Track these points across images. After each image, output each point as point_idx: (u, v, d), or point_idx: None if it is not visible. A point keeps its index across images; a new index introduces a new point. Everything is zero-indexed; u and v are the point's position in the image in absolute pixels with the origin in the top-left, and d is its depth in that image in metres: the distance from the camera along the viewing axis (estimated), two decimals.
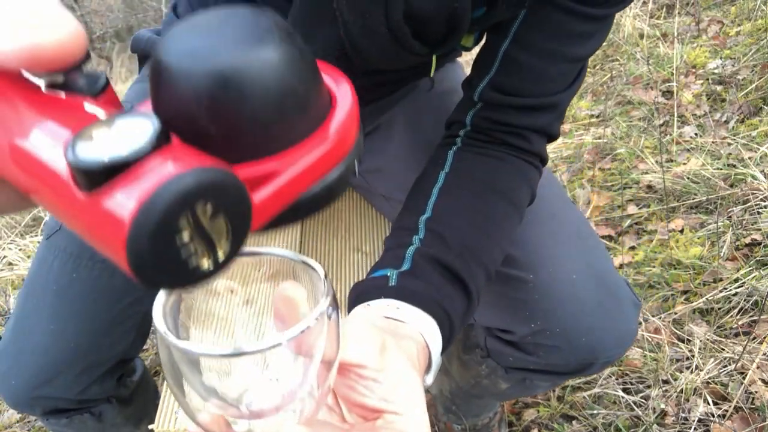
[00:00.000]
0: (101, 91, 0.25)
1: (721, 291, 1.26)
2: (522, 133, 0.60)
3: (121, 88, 5.07)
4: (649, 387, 1.15)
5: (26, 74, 0.23)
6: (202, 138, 0.22)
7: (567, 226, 0.70)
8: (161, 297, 0.30)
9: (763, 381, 1.10)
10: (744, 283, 1.25)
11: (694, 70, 1.98)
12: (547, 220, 0.69)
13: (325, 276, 0.31)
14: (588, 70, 1.19)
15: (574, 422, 1.13)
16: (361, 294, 0.50)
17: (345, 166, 0.26)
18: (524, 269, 0.66)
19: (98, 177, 0.19)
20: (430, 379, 0.46)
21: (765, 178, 1.46)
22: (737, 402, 1.08)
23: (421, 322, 0.46)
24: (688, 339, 1.21)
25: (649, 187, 1.60)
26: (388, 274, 0.50)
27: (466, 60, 1.80)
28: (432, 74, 0.67)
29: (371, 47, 0.51)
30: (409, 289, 0.48)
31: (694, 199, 1.50)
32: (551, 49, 0.57)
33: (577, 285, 0.66)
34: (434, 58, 0.64)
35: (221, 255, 0.21)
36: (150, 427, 0.65)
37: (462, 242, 0.53)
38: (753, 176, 1.47)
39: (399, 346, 0.40)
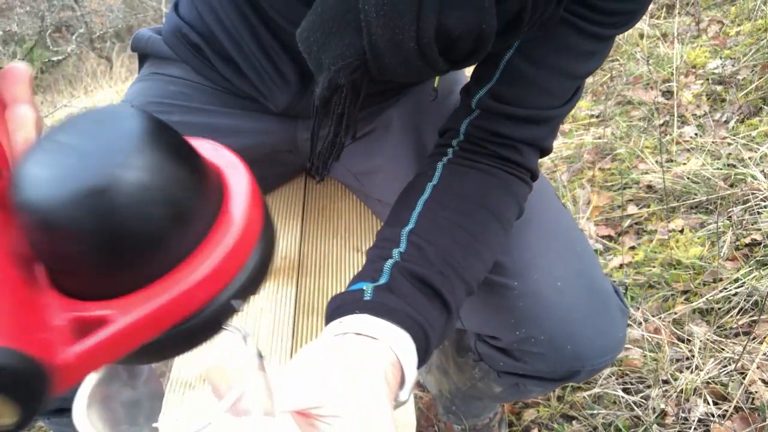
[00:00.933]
0: None
1: (721, 291, 1.26)
2: (515, 146, 0.60)
3: (122, 88, 5.08)
4: (649, 387, 1.15)
5: None
6: (51, 271, 0.22)
7: (555, 232, 0.69)
8: (82, 396, 0.28)
9: (763, 381, 1.10)
10: (744, 283, 1.25)
11: (694, 70, 1.98)
12: (535, 227, 0.68)
13: (245, 336, 0.30)
14: None
15: (574, 422, 1.13)
16: (336, 308, 0.49)
17: (236, 289, 0.23)
18: (510, 276, 0.66)
19: None
20: (404, 395, 0.45)
21: (765, 178, 1.46)
22: (737, 402, 1.08)
23: (393, 337, 0.45)
24: (688, 339, 1.21)
25: (649, 187, 1.60)
26: (364, 287, 0.50)
27: None
28: (436, 84, 0.67)
29: (395, 61, 0.50)
30: (383, 304, 0.48)
31: (694, 199, 1.50)
32: (555, 63, 0.57)
33: (563, 292, 0.66)
34: None
35: (8, 423, 0.19)
36: (154, 425, 0.65)
37: (443, 257, 0.52)
38: (753, 176, 1.47)
39: (364, 370, 0.39)
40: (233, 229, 0.23)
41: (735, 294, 1.24)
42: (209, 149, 0.26)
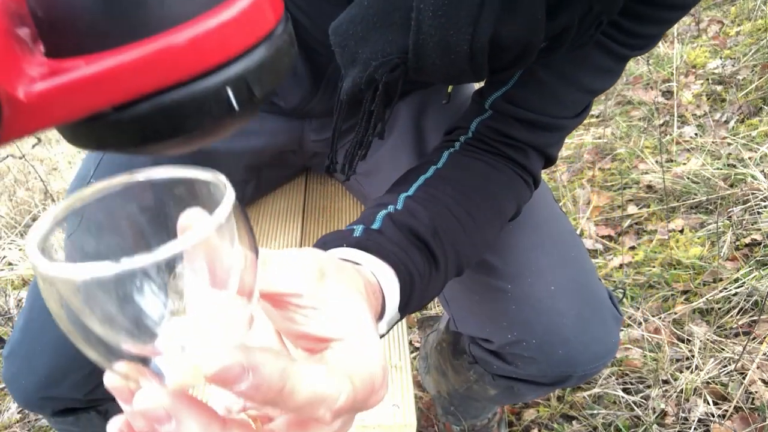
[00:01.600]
0: None
1: (721, 291, 1.26)
2: (523, 148, 0.60)
3: None
4: (649, 387, 1.15)
5: None
6: (39, 28, 0.21)
7: (551, 236, 0.69)
8: (38, 227, 0.25)
9: (763, 381, 1.10)
10: (744, 283, 1.25)
11: (694, 70, 1.98)
12: (530, 230, 0.68)
13: (227, 182, 0.26)
14: None
15: (574, 422, 1.13)
16: (322, 244, 0.47)
17: (237, 72, 0.21)
18: (503, 279, 0.66)
19: None
20: (383, 327, 0.43)
21: (765, 178, 1.46)
22: (737, 402, 1.08)
23: (376, 267, 0.44)
24: (688, 339, 1.21)
25: (649, 187, 1.60)
26: (355, 228, 0.49)
27: None
28: (450, 89, 0.67)
29: (439, 62, 0.50)
30: (371, 240, 0.46)
31: (694, 199, 1.50)
32: (572, 75, 0.57)
33: (555, 296, 0.65)
34: None
35: None
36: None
37: (437, 223, 0.51)
38: (753, 176, 1.47)
39: (341, 274, 0.37)
40: (234, 7, 0.21)
41: (735, 294, 1.24)
42: None
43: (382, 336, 0.42)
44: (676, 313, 1.25)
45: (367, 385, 0.31)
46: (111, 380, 0.27)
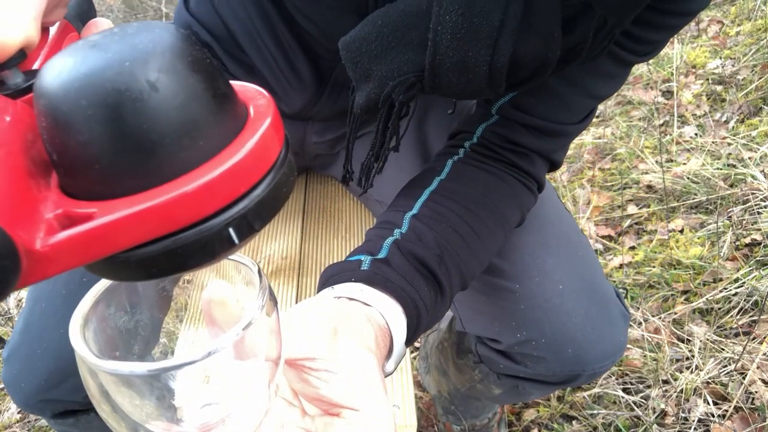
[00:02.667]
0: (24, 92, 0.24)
1: (721, 291, 1.26)
2: (528, 154, 0.60)
3: None
4: (649, 387, 1.15)
5: None
6: (58, 172, 0.22)
7: (557, 235, 0.69)
8: (79, 314, 0.28)
9: (763, 381, 1.11)
10: (744, 283, 1.25)
11: (694, 70, 1.98)
12: (537, 230, 0.68)
13: (260, 270, 0.29)
14: None
15: (574, 422, 1.13)
16: (330, 277, 0.49)
17: (240, 212, 0.22)
18: (511, 279, 0.66)
19: None
20: (391, 366, 0.45)
21: (765, 178, 1.46)
22: (737, 402, 1.08)
23: (384, 305, 0.45)
24: (688, 339, 1.21)
25: (649, 187, 1.60)
26: (362, 258, 0.50)
27: None
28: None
29: (456, 80, 0.50)
30: (379, 275, 0.47)
31: (694, 199, 1.50)
32: (580, 81, 0.58)
33: (564, 295, 0.66)
34: None
35: None
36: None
37: (443, 245, 0.53)
38: (753, 176, 1.47)
39: (353, 329, 0.39)
40: (238, 153, 0.22)
41: (735, 294, 1.24)
42: (243, 85, 0.26)
43: (389, 374, 0.44)
44: (676, 313, 1.25)
45: None
46: None
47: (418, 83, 0.51)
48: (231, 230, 0.22)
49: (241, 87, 0.26)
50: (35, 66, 0.31)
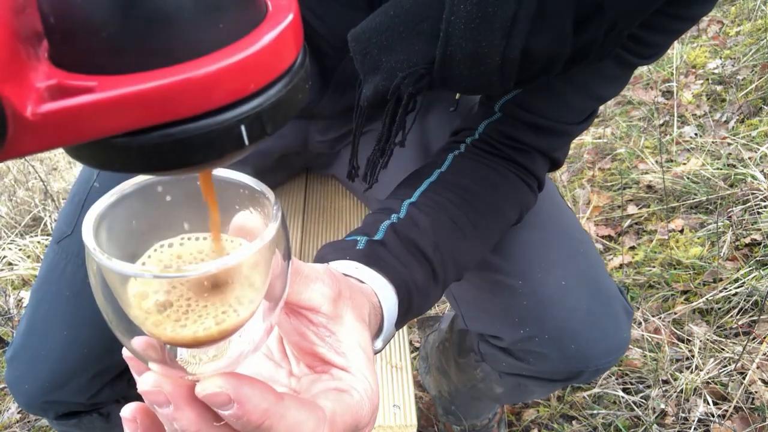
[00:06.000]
0: None
1: (721, 291, 1.26)
2: (529, 152, 0.61)
3: None
4: (649, 387, 1.15)
5: None
6: (49, 39, 0.20)
7: (559, 232, 0.70)
8: (94, 211, 0.27)
9: (763, 381, 1.11)
10: (744, 283, 1.25)
11: (694, 70, 1.98)
12: (539, 226, 0.68)
13: (276, 201, 0.28)
14: None
15: (574, 422, 1.13)
16: (326, 254, 0.49)
17: (254, 107, 0.21)
18: (513, 275, 0.66)
19: None
20: (378, 344, 0.45)
21: (765, 178, 1.47)
22: (737, 402, 1.08)
23: (377, 284, 0.45)
24: (688, 339, 1.21)
25: (649, 187, 1.60)
26: (358, 239, 0.50)
27: None
28: (458, 96, 0.67)
29: (467, 73, 0.50)
30: (374, 254, 0.48)
31: (694, 199, 1.50)
32: (584, 83, 0.58)
33: (566, 292, 0.65)
34: None
35: None
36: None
37: (438, 233, 0.53)
38: (753, 176, 1.47)
39: (353, 299, 0.39)
40: (257, 44, 0.20)
41: (735, 294, 1.24)
42: None
43: (377, 352, 0.44)
44: (676, 313, 1.26)
45: (349, 428, 0.33)
46: (128, 353, 0.31)
47: (427, 75, 0.51)
48: (243, 128, 0.20)
49: None
50: None
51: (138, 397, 0.29)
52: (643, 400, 1.13)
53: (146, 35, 0.19)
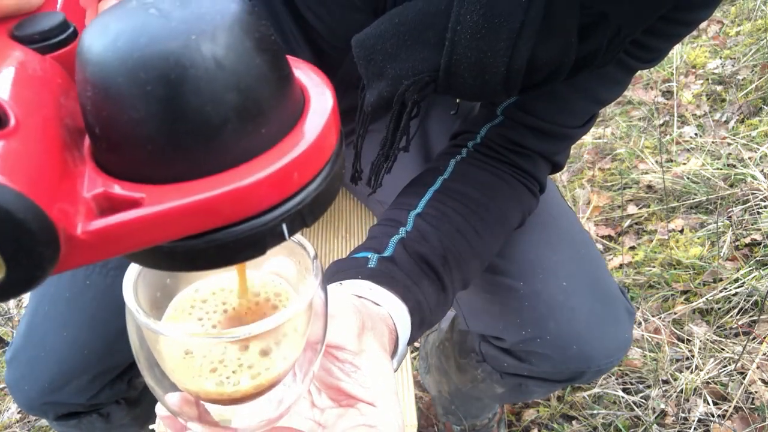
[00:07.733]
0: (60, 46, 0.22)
1: (721, 291, 1.26)
2: (531, 156, 0.61)
3: None
4: (649, 387, 1.15)
5: None
6: (94, 142, 0.20)
7: (560, 233, 0.70)
8: (132, 272, 0.27)
9: (763, 381, 1.11)
10: (744, 283, 1.25)
11: (694, 70, 1.98)
12: (540, 227, 0.68)
13: (315, 256, 0.29)
14: None
15: (574, 422, 1.13)
16: (338, 272, 0.49)
17: (295, 208, 0.20)
18: (515, 277, 0.66)
19: None
20: (394, 365, 0.45)
21: (765, 178, 1.47)
22: (737, 402, 1.08)
23: (392, 306, 0.46)
24: (688, 339, 1.21)
25: (649, 187, 1.60)
26: (369, 256, 0.50)
27: None
28: (459, 99, 0.67)
29: (471, 81, 0.50)
30: (386, 273, 0.48)
31: (694, 199, 1.50)
32: (586, 87, 0.58)
33: (568, 292, 0.66)
34: None
35: None
36: (151, 427, 0.65)
37: (447, 246, 0.53)
38: (753, 176, 1.47)
39: (375, 329, 0.40)
40: (300, 145, 0.20)
41: (735, 294, 1.24)
42: (301, 66, 0.24)
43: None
44: (676, 313, 1.26)
45: None
46: (163, 410, 0.31)
47: (432, 83, 0.51)
48: (284, 225, 0.21)
49: (295, 63, 0.23)
50: (58, 6, 0.26)
51: (138, 397, 0.30)
52: (643, 400, 1.13)
53: (192, 147, 0.19)
